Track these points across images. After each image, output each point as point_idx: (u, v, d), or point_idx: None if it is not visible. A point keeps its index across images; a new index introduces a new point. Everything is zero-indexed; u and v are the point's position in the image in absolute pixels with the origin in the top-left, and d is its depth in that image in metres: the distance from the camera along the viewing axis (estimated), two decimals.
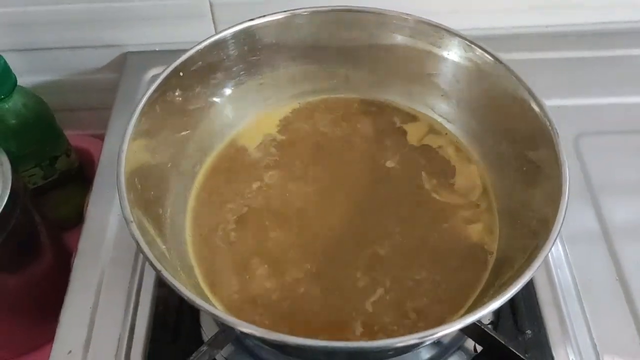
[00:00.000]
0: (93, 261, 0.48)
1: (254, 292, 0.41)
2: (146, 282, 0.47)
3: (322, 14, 0.46)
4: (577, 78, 0.60)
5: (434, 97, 0.48)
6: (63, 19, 0.60)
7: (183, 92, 0.44)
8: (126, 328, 0.44)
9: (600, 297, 0.46)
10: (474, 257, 0.42)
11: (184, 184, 0.45)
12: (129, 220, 0.34)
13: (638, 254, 0.48)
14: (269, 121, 0.50)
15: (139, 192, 0.38)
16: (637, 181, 0.52)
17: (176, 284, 0.32)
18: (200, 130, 0.46)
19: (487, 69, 0.44)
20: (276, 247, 0.43)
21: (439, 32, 0.45)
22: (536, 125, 0.40)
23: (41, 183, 0.60)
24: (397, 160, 0.48)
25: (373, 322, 0.39)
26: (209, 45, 0.43)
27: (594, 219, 0.50)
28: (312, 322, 0.39)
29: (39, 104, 0.56)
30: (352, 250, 0.43)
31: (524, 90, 0.41)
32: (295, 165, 0.48)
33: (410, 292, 0.41)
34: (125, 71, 0.62)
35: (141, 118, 0.40)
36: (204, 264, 0.42)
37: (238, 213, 0.45)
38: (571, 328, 0.44)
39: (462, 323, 0.32)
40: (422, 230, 0.44)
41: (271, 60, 0.48)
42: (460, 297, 0.40)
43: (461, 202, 0.45)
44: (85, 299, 0.46)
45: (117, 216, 0.51)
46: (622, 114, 0.57)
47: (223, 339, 0.40)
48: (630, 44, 0.62)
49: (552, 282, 0.46)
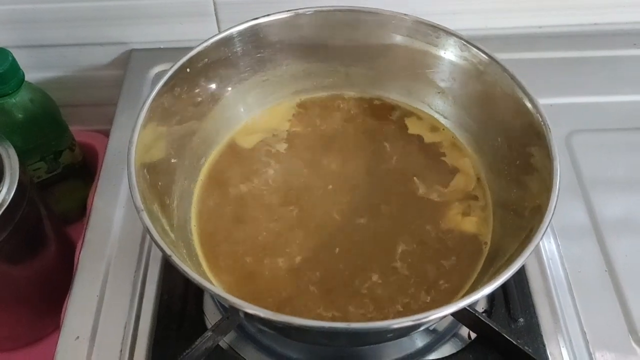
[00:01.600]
0: (99, 252, 0.49)
1: (258, 279, 0.42)
2: (151, 272, 0.48)
3: (324, 14, 0.47)
4: (570, 77, 0.61)
5: (431, 94, 0.50)
6: (70, 16, 0.61)
7: (189, 87, 0.45)
8: (132, 316, 0.46)
9: (590, 288, 0.47)
10: (469, 247, 0.43)
11: (190, 176, 0.46)
12: (140, 209, 0.35)
13: (626, 247, 0.49)
14: (271, 116, 0.51)
15: (148, 182, 0.39)
16: (627, 177, 0.54)
17: (186, 269, 0.33)
18: (206, 124, 0.47)
19: (482, 68, 0.45)
20: (279, 237, 0.44)
21: (436, 31, 0.46)
22: (529, 121, 0.41)
23: (45, 177, 0.61)
24: (394, 154, 0.49)
25: (370, 306, 0.41)
26: (215, 42, 0.45)
27: (584, 213, 0.51)
28: (313, 307, 0.41)
29: (45, 99, 0.57)
30: (350, 240, 0.44)
31: (518, 89, 0.42)
32: (297, 159, 0.49)
33: (404, 280, 0.42)
34: (130, 68, 0.63)
35: (150, 111, 0.41)
36: (210, 253, 0.43)
37: (242, 204, 0.46)
38: (562, 317, 0.45)
39: (455, 307, 0.33)
40: (418, 222, 0.45)
41: (275, 58, 0.49)
42: (456, 285, 0.42)
43: (457, 195, 0.46)
44: (92, 288, 0.47)
45: (123, 209, 0.52)
46: (613, 112, 0.58)
47: (226, 325, 0.41)
48: (620, 45, 0.64)
49: (544, 273, 0.48)
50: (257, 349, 0.45)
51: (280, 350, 0.44)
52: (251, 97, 0.50)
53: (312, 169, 0.48)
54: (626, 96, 0.60)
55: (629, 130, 0.57)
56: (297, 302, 0.41)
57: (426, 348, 0.45)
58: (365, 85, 0.52)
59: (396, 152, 0.49)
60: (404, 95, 0.51)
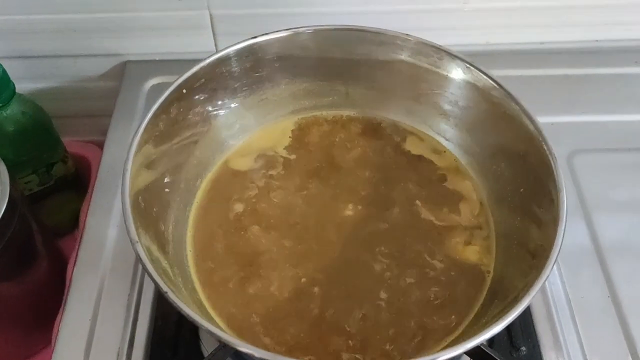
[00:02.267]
0: (92, 271, 0.48)
1: (255, 306, 0.41)
2: (145, 295, 0.47)
3: (324, 32, 0.46)
4: (571, 95, 0.61)
5: (433, 115, 0.49)
6: (64, 27, 0.60)
7: (185, 108, 0.44)
8: (125, 340, 0.45)
9: (592, 314, 0.46)
10: (471, 276, 0.43)
11: (185, 199, 0.45)
12: (135, 241, 0.34)
13: (629, 271, 0.49)
14: (269, 136, 0.50)
15: (142, 210, 0.38)
16: (630, 199, 0.53)
17: (182, 306, 0.32)
18: (202, 145, 0.46)
19: (485, 91, 0.44)
20: (277, 261, 0.43)
21: (438, 53, 0.45)
22: (534, 147, 0.41)
23: (37, 189, 0.60)
24: (394, 177, 0.48)
25: (370, 337, 0.40)
26: (212, 62, 0.44)
27: (586, 236, 0.51)
28: (310, 337, 0.40)
29: (37, 111, 0.56)
30: (350, 268, 0.43)
31: (523, 115, 0.41)
32: (295, 180, 0.48)
33: (407, 308, 0.41)
34: (124, 80, 0.62)
35: (144, 135, 0.40)
36: (205, 279, 0.42)
37: (238, 227, 0.45)
38: (564, 345, 0.45)
39: (466, 346, 0.32)
40: (419, 249, 0.44)
41: (273, 77, 0.48)
42: (458, 315, 0.41)
43: (459, 222, 0.46)
44: (84, 311, 0.46)
45: (117, 227, 0.51)
46: (616, 131, 0.58)
47: (223, 354, 0.40)
48: (623, 63, 0.63)
49: (546, 299, 0.47)
50: None
51: None
52: (249, 117, 0.49)
53: (311, 190, 0.47)
54: (629, 115, 0.59)
55: (632, 151, 0.56)
56: (295, 330, 0.40)
57: None
58: (365, 105, 0.51)
59: (396, 175, 0.48)
60: (405, 116, 0.50)
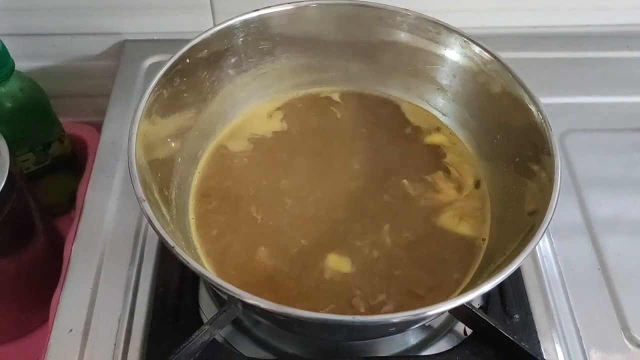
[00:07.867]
0: (93, 244, 0.49)
1: (256, 271, 0.42)
2: (146, 265, 0.47)
3: (326, 7, 0.47)
4: (564, 78, 0.62)
5: (431, 90, 0.50)
6: (62, 5, 0.60)
7: (188, 78, 0.44)
8: (126, 309, 0.45)
9: (583, 285, 0.48)
10: (467, 243, 0.44)
11: (188, 167, 0.46)
12: (141, 199, 0.35)
13: (618, 245, 0.50)
14: (269, 109, 0.51)
15: (148, 172, 0.39)
16: (619, 176, 0.54)
17: (188, 259, 0.33)
18: (204, 115, 0.47)
19: (483, 65, 0.45)
20: (276, 227, 0.44)
21: (437, 27, 0.46)
22: (529, 118, 0.42)
23: (33, 169, 0.60)
24: (392, 151, 0.49)
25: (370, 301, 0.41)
26: (216, 32, 0.44)
27: (578, 212, 0.52)
28: (312, 298, 0.41)
29: (35, 89, 0.56)
30: (348, 236, 0.44)
31: (519, 86, 0.42)
32: (293, 152, 0.49)
33: (404, 276, 0.42)
34: (123, 59, 0.62)
35: (150, 101, 0.40)
36: (208, 244, 0.43)
37: (239, 195, 0.46)
38: (556, 313, 0.46)
39: (454, 303, 0.33)
40: (416, 219, 0.45)
41: (274, 51, 0.49)
42: (454, 281, 0.42)
43: (455, 191, 0.47)
44: (85, 281, 0.46)
45: (117, 201, 0.51)
46: (607, 112, 0.59)
47: (224, 319, 0.41)
48: (613, 47, 0.65)
49: (539, 271, 0.48)
50: (253, 342, 0.44)
51: (276, 344, 0.44)
52: (249, 90, 0.50)
53: (309, 162, 0.48)
54: (619, 97, 0.61)
55: (622, 131, 0.58)
56: (296, 292, 0.41)
57: (422, 344, 0.45)
58: (364, 80, 0.52)
59: (394, 150, 0.49)
60: (403, 92, 0.51)
